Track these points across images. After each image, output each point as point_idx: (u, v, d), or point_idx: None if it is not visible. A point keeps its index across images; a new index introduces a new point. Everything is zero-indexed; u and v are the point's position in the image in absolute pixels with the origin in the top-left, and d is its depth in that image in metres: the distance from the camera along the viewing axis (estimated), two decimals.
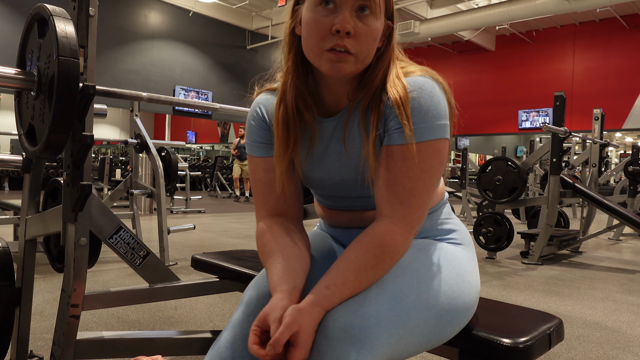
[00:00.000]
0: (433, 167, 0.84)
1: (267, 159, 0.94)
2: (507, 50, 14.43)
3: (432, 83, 0.85)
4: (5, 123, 14.60)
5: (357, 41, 0.82)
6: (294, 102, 0.89)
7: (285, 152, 0.90)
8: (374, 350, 0.73)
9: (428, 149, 0.83)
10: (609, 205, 3.99)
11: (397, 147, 0.84)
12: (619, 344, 2.11)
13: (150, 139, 3.61)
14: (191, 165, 14.93)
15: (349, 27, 0.80)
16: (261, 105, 0.97)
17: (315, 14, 0.83)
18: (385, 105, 0.86)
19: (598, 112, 5.19)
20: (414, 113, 0.83)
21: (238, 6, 12.88)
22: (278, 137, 0.90)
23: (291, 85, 0.89)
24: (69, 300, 1.25)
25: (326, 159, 0.93)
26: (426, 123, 0.83)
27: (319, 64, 0.84)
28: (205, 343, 1.47)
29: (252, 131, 0.96)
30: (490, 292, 2.98)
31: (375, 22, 0.84)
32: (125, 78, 11.09)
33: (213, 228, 5.76)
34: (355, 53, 0.82)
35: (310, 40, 0.84)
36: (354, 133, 0.90)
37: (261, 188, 0.95)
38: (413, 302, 0.80)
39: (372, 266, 0.80)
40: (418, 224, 0.85)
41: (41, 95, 1.19)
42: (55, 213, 1.36)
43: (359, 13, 0.82)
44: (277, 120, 0.91)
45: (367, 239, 0.82)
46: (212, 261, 1.55)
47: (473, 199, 7.76)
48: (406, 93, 0.83)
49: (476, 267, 0.98)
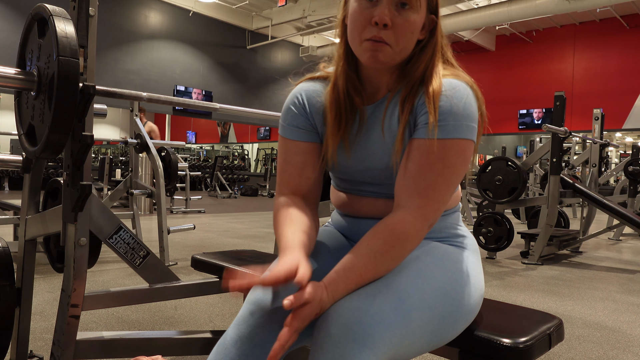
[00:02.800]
0: (456, 165, 0.86)
1: (300, 143, 0.98)
2: (507, 50, 14.43)
3: (467, 88, 0.89)
4: (5, 123, 14.60)
5: (394, 33, 0.86)
6: (345, 87, 0.94)
7: (337, 133, 0.94)
8: (376, 349, 0.73)
9: (453, 146, 0.85)
10: (609, 205, 3.99)
11: (423, 141, 0.86)
12: (619, 344, 2.11)
13: (150, 139, 3.61)
14: (191, 165, 14.93)
15: (387, 20, 0.84)
16: (303, 92, 1.00)
17: (359, 5, 0.87)
18: (419, 98, 0.89)
19: (598, 112, 5.19)
20: (444, 111, 0.86)
21: (238, 6, 12.87)
22: (331, 118, 0.95)
23: (342, 72, 0.95)
24: (69, 300, 1.25)
25: (358, 145, 0.97)
26: (455, 122, 0.85)
27: (359, 52, 0.89)
28: (205, 343, 1.47)
29: (290, 115, 0.99)
30: (490, 292, 2.98)
31: (414, 16, 0.87)
32: (125, 78, 11.09)
33: (213, 228, 5.76)
34: (391, 44, 0.86)
35: (353, 30, 0.89)
36: (391, 122, 0.93)
37: (288, 168, 0.98)
38: (416, 303, 0.80)
39: (382, 253, 0.81)
40: (433, 217, 0.86)
41: (41, 95, 1.19)
42: (55, 213, 1.36)
43: (399, 7, 0.86)
44: (330, 103, 0.95)
45: (380, 227, 0.85)
46: (212, 261, 1.55)
47: (473, 199, 7.76)
48: (440, 89, 0.87)
49: (481, 272, 0.98)
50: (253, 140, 19.20)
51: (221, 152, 19.16)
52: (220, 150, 19.90)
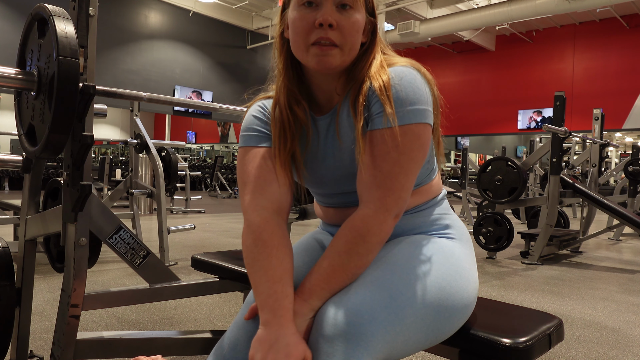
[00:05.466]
0: (412, 151, 0.85)
1: (270, 150, 0.94)
2: (507, 50, 14.43)
3: (414, 72, 0.88)
4: (5, 123, 14.60)
5: (341, 33, 0.86)
6: (287, 101, 0.93)
7: (284, 149, 0.92)
8: (370, 347, 0.73)
9: (407, 132, 0.84)
10: (609, 205, 3.99)
11: (377, 131, 0.85)
12: (619, 344, 2.11)
13: (150, 139, 3.62)
14: (191, 165, 14.93)
15: (331, 20, 0.84)
16: (263, 102, 0.99)
17: (299, 12, 0.87)
18: (369, 91, 0.88)
19: (598, 112, 5.19)
20: (396, 99, 0.84)
21: (238, 6, 12.88)
22: (275, 135, 0.93)
23: (282, 87, 0.94)
24: (69, 300, 1.25)
25: (325, 156, 0.95)
26: (405, 107, 0.84)
27: (306, 60, 0.88)
28: (205, 343, 1.47)
29: (255, 123, 0.96)
30: (490, 292, 2.98)
31: (357, 15, 0.87)
32: (125, 78, 11.09)
33: (213, 228, 5.76)
34: (340, 44, 0.86)
35: (297, 37, 0.87)
36: (346, 124, 0.92)
37: (262, 174, 0.91)
38: (409, 299, 0.80)
39: (345, 251, 0.82)
40: (396, 207, 0.85)
41: (41, 95, 1.19)
42: (55, 213, 1.36)
43: (341, 9, 0.86)
44: (274, 120, 0.94)
45: (342, 227, 0.85)
46: (212, 261, 1.55)
47: (473, 199, 7.76)
48: (389, 80, 0.86)
49: (474, 263, 0.97)
50: None
51: (221, 152, 19.15)
52: (220, 150, 19.90)
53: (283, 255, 0.84)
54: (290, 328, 0.77)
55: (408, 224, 0.96)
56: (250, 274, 0.85)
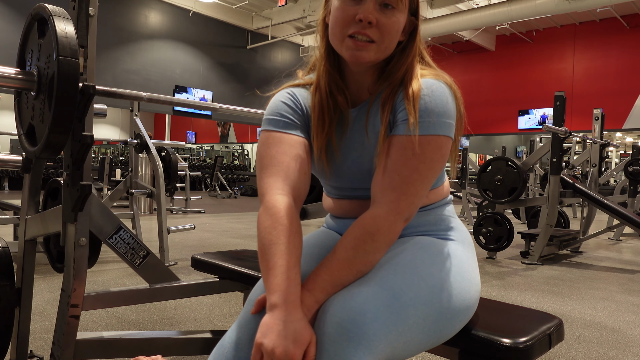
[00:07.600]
0: (432, 161, 0.86)
1: (295, 136, 0.93)
2: (507, 50, 14.43)
3: (444, 86, 0.90)
4: (5, 123, 14.60)
5: (379, 30, 0.87)
6: (327, 87, 0.94)
7: (322, 132, 0.94)
8: (372, 347, 0.73)
9: (430, 142, 0.86)
10: (609, 205, 3.99)
11: (400, 137, 0.87)
12: (619, 344, 2.11)
13: (150, 139, 3.61)
14: (191, 165, 14.93)
15: (371, 17, 0.85)
16: (292, 89, 0.99)
17: (342, 3, 0.88)
18: (398, 98, 0.90)
19: (598, 112, 5.19)
20: (422, 110, 0.86)
21: (238, 6, 12.88)
22: (314, 118, 0.94)
23: (324, 72, 0.95)
24: (69, 300, 1.25)
25: (349, 148, 0.96)
26: (431, 119, 0.86)
27: (340, 50, 0.90)
28: (205, 343, 1.47)
29: (282, 108, 0.94)
30: (490, 292, 2.98)
31: (398, 15, 0.89)
32: (125, 78, 11.09)
33: (213, 228, 5.76)
34: (377, 41, 0.87)
35: (335, 26, 0.89)
36: (376, 123, 0.93)
37: (284, 159, 0.90)
38: (412, 299, 0.80)
39: (352, 247, 0.82)
40: (407, 211, 0.86)
41: (41, 95, 1.19)
42: (55, 213, 1.36)
43: (383, 8, 0.87)
44: (314, 105, 0.95)
45: (353, 224, 0.86)
46: (212, 261, 1.55)
47: (473, 199, 7.76)
48: (419, 91, 0.88)
49: (476, 266, 0.98)
50: (253, 140, 19.19)
51: (221, 152, 19.15)
52: (220, 150, 19.90)
53: (298, 243, 0.84)
54: (298, 314, 0.76)
55: (414, 221, 0.97)
56: (265, 256, 0.82)
